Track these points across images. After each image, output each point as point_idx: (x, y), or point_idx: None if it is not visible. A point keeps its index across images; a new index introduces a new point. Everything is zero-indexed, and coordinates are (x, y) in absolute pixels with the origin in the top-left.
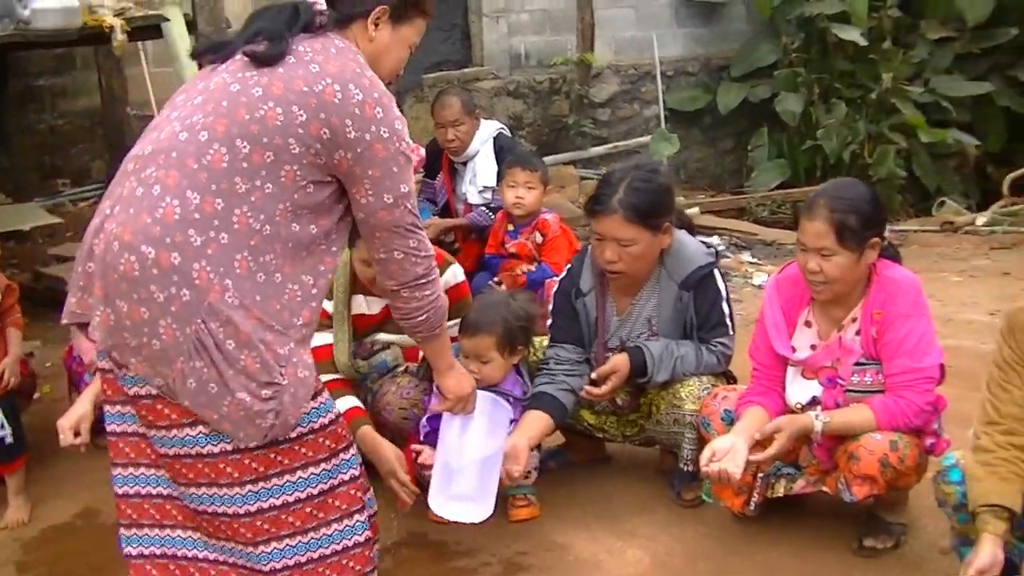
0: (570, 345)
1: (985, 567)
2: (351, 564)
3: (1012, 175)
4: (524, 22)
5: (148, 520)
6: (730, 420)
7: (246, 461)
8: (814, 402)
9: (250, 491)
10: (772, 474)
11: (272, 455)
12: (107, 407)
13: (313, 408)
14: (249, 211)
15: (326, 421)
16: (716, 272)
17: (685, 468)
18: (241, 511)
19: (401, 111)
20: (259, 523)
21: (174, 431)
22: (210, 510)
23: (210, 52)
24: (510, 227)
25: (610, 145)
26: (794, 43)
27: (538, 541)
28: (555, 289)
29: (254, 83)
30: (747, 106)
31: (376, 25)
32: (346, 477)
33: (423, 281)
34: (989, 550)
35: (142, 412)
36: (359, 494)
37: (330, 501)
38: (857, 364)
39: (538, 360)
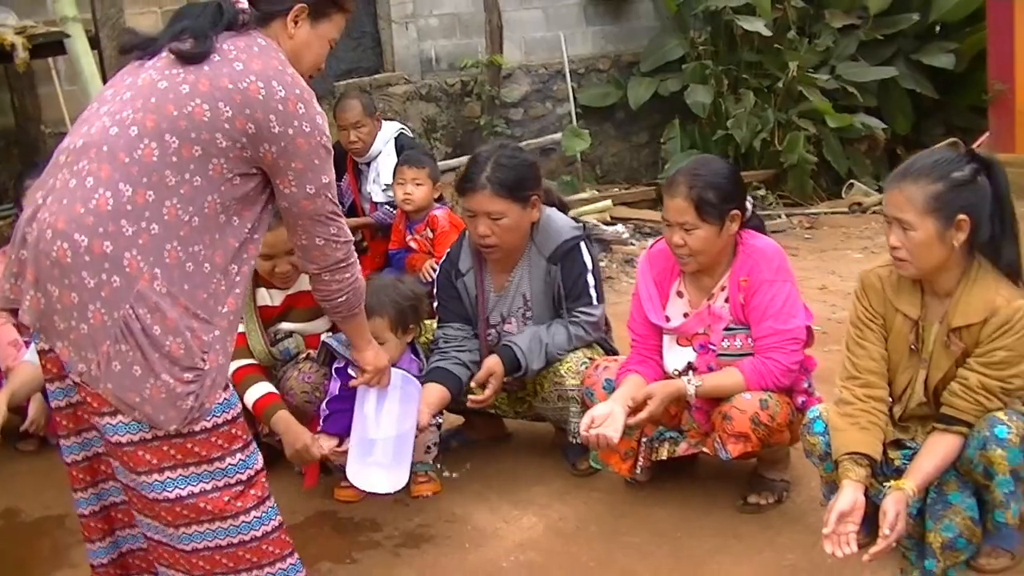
0: (456, 324)
1: (846, 510)
2: (269, 548)
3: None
4: (433, 27)
5: (101, 476)
6: (611, 389)
7: (164, 448)
8: (689, 367)
9: (168, 478)
10: (656, 438)
11: (188, 444)
12: (49, 386)
13: (225, 399)
14: (179, 203)
15: (236, 412)
16: (583, 245)
17: (574, 440)
18: (160, 497)
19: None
20: (179, 509)
21: (96, 419)
22: (106, 503)
23: (137, 48)
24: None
25: (523, 143)
26: (701, 37)
27: (438, 514)
28: (437, 272)
29: (181, 80)
30: (658, 100)
31: (296, 23)
32: (259, 466)
33: (343, 265)
34: (850, 495)
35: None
36: (266, 482)
37: (248, 491)
38: (727, 329)
39: (427, 341)
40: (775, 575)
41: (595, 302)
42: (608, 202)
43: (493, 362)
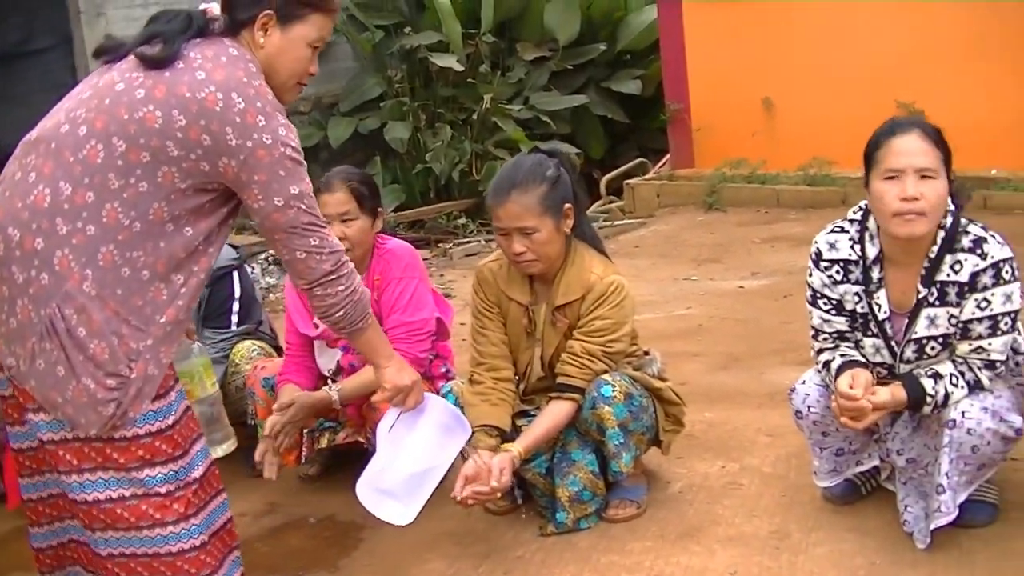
0: None
1: (470, 475)
2: (186, 566)
3: (607, 176)
4: None
5: (44, 467)
6: (270, 386)
7: (84, 450)
8: (339, 367)
9: (88, 479)
10: (316, 429)
11: (108, 450)
12: None
13: (151, 411)
14: (120, 207)
15: (164, 425)
16: (235, 273)
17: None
18: (78, 498)
19: None
20: (95, 511)
21: (26, 414)
22: (53, 492)
23: (108, 52)
24: None
25: None
26: (398, 75)
27: None
28: None
29: (139, 84)
30: (359, 138)
31: (264, 31)
32: (190, 479)
33: (332, 277)
34: (472, 464)
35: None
36: (196, 499)
37: (171, 504)
38: None
39: None
40: (434, 541)
41: (231, 325)
42: None
43: None
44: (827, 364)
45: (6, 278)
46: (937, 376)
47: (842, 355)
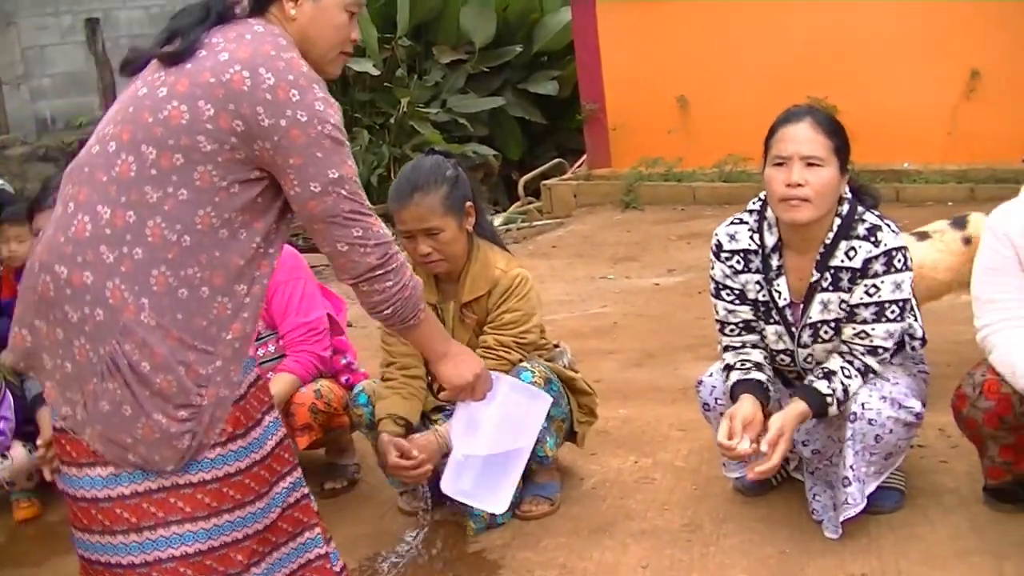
0: None
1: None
2: None
3: (524, 177)
4: (47, 87)
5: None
6: None
7: (144, 505)
8: None
9: (147, 539)
10: None
11: (172, 500)
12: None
13: (220, 455)
14: (163, 221)
15: (232, 470)
16: None
17: None
18: (137, 561)
19: None
20: (154, 574)
21: (74, 470)
22: (103, 559)
23: (131, 64)
24: None
25: None
26: None
27: None
28: None
29: (160, 83)
30: None
31: (295, 1)
32: (249, 531)
33: (380, 272)
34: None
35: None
36: (257, 548)
37: (231, 555)
38: (258, 339)
39: None
40: (352, 544)
41: None
42: None
43: None
44: (728, 368)
45: (60, 320)
46: (830, 374)
47: (741, 365)
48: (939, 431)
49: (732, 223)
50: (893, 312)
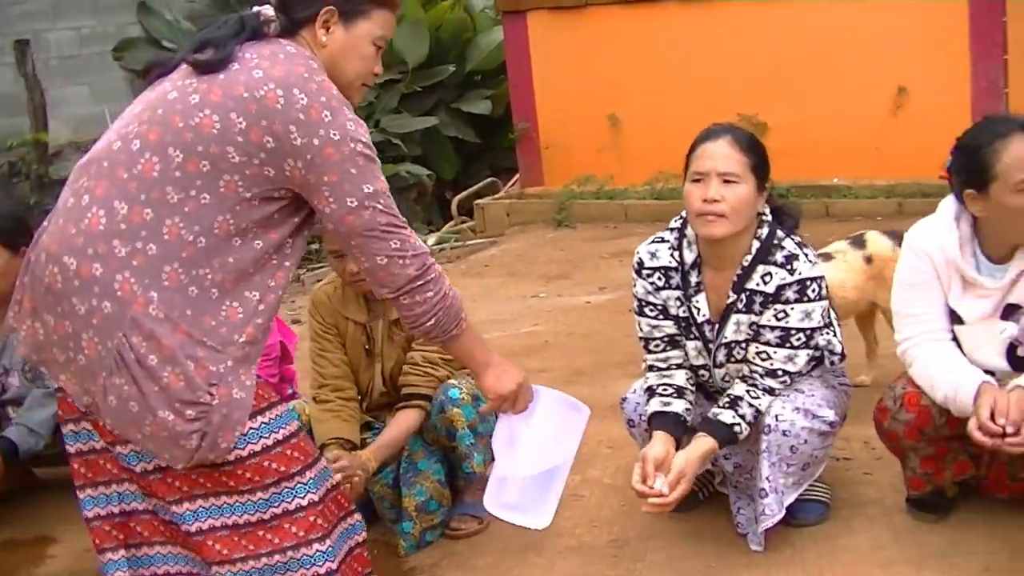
0: None
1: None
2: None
3: (458, 197)
4: None
5: (136, 539)
6: None
7: (192, 476)
8: None
9: (201, 507)
10: None
11: (216, 474)
12: (63, 427)
13: (252, 428)
14: (182, 222)
15: (270, 442)
16: None
17: None
18: (192, 528)
19: None
20: (210, 543)
21: (116, 448)
22: (167, 519)
23: (157, 66)
24: None
25: None
26: None
27: None
28: None
29: (192, 90)
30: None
31: (327, 28)
32: (304, 502)
33: (420, 283)
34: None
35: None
36: (320, 521)
37: (285, 527)
38: None
39: None
40: None
41: None
42: None
43: None
44: (650, 391)
45: (68, 312)
46: (736, 401)
47: (662, 391)
48: (864, 443)
49: (653, 241)
50: (799, 340)
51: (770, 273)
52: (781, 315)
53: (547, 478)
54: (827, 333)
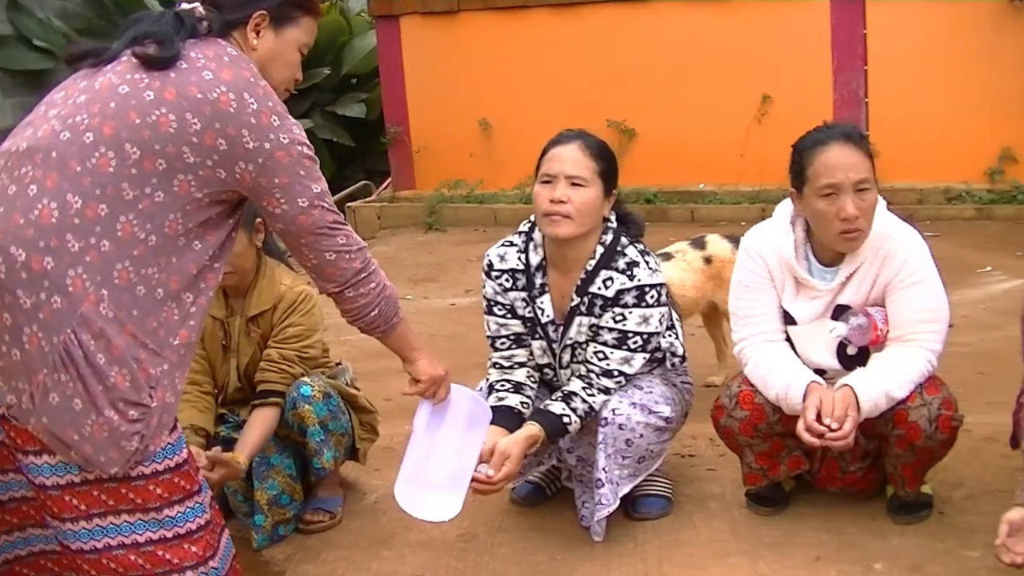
0: None
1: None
2: None
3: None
4: None
5: (27, 521)
6: None
7: (95, 493)
8: None
9: (97, 526)
10: None
11: (123, 490)
12: None
13: (169, 444)
14: (136, 219)
15: (180, 460)
16: None
17: None
18: (86, 547)
19: None
20: (104, 561)
21: (19, 457)
22: (47, 548)
23: (90, 55)
24: None
25: None
26: None
27: None
28: None
29: (145, 86)
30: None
31: (257, 32)
32: (202, 521)
33: (363, 275)
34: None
35: None
36: (211, 539)
37: (186, 546)
38: None
39: None
40: None
41: None
42: None
43: None
44: (490, 389)
45: (8, 304)
46: (569, 396)
47: (500, 387)
48: (709, 441)
49: (502, 245)
50: (635, 343)
51: (612, 278)
52: (619, 318)
53: (460, 471)
54: (669, 336)
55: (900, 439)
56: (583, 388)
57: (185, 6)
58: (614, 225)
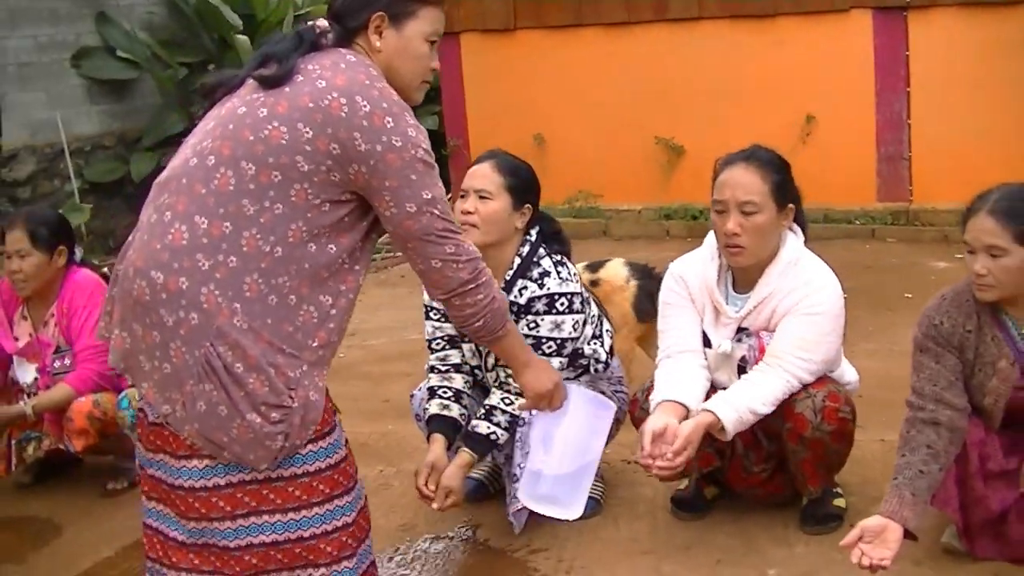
0: None
1: None
2: None
3: None
4: None
5: (154, 555)
6: None
7: (238, 495)
8: (36, 380)
9: (241, 525)
10: (23, 439)
11: (264, 492)
12: (139, 446)
13: (311, 451)
14: (259, 233)
15: (324, 465)
16: None
17: None
18: (231, 545)
19: None
20: (247, 557)
21: (172, 460)
22: (200, 542)
23: (222, 86)
24: None
25: None
26: (199, 111)
27: None
28: None
29: (260, 104)
30: (161, 172)
31: (379, 33)
32: (339, 523)
33: (471, 286)
34: None
35: (150, 437)
36: (351, 541)
37: (321, 546)
38: (56, 351)
39: None
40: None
41: None
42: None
43: None
44: (431, 392)
45: (156, 323)
46: (491, 411)
47: (442, 393)
48: None
49: None
50: (550, 348)
51: (526, 287)
52: (532, 325)
53: (579, 473)
54: (594, 344)
55: (790, 433)
56: (502, 399)
57: (310, 22)
58: (532, 238)
